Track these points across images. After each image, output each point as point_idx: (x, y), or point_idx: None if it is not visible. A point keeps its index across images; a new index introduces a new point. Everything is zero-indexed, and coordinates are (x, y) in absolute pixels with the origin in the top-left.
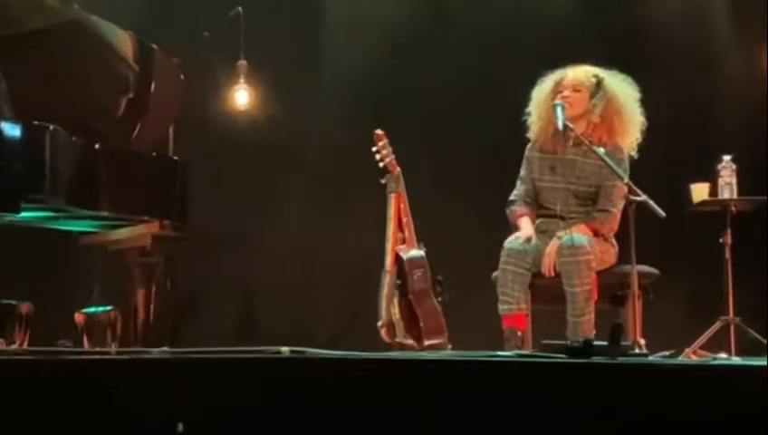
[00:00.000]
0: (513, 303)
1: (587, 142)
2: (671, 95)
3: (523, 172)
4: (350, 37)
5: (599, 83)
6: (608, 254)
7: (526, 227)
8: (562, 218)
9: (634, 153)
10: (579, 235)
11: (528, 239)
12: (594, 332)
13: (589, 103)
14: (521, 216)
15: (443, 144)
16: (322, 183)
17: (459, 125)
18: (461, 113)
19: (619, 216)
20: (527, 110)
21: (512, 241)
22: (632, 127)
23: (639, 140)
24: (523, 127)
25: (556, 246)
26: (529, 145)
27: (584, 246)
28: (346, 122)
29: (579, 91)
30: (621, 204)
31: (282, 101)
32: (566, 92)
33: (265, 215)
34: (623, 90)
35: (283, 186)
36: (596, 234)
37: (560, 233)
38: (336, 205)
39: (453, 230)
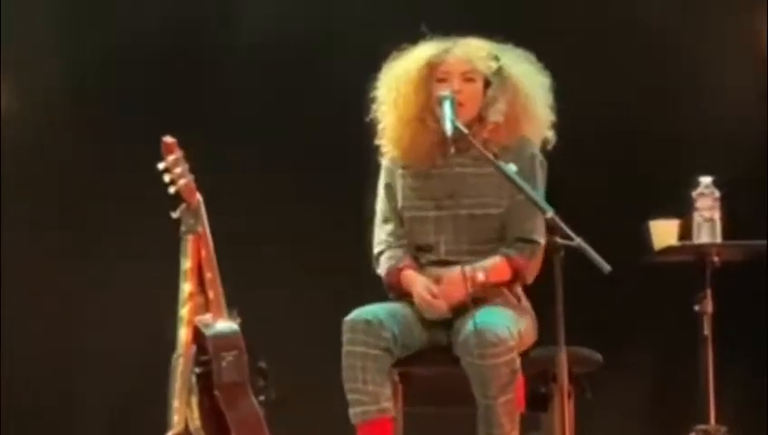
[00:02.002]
0: (367, 402)
1: (489, 156)
2: (618, 83)
3: (382, 206)
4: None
5: (499, 68)
6: (523, 329)
7: (418, 283)
8: (448, 264)
9: None
10: (492, 309)
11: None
12: None
13: (484, 97)
14: (402, 270)
15: (266, 157)
16: (81, 216)
17: (291, 130)
18: (291, 110)
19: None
20: (373, 106)
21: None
22: (543, 127)
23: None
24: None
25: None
26: (385, 167)
27: (503, 338)
28: (119, 127)
29: (473, 80)
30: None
31: (16, 94)
32: (455, 84)
33: None
34: (528, 73)
35: (22, 218)
36: (515, 276)
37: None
38: (102, 250)
39: (282, 292)
